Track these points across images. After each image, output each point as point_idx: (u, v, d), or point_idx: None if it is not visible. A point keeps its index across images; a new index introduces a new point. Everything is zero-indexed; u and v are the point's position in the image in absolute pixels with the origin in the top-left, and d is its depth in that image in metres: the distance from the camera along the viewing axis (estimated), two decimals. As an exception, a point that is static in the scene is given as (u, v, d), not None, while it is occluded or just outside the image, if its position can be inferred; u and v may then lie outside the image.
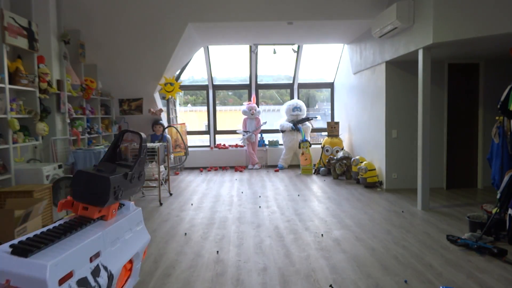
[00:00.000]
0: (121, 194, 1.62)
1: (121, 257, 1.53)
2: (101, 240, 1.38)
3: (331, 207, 5.24)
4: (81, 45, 6.29)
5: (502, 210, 3.79)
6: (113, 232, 1.53)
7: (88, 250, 1.24)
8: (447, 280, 2.91)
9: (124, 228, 1.66)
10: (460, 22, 4.32)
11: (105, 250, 1.38)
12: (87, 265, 1.18)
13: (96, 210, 1.53)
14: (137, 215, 1.89)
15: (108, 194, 1.47)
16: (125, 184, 1.67)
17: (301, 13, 6.12)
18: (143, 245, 1.88)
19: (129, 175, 1.73)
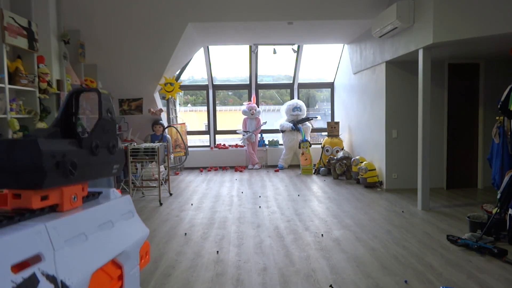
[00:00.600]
0: (74, 168, 1.10)
1: (91, 259, 1.05)
2: (44, 236, 0.92)
3: (331, 207, 5.24)
4: (81, 45, 6.29)
5: (503, 210, 3.79)
6: (72, 225, 1.04)
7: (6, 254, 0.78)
8: (447, 280, 2.90)
9: (96, 220, 1.17)
10: (460, 22, 4.32)
11: (54, 252, 0.93)
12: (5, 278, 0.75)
13: (35, 196, 1.03)
14: (122, 204, 1.37)
15: (40, 165, 0.97)
16: (82, 156, 1.17)
17: (301, 13, 6.12)
18: (135, 242, 1.35)
19: (85, 141, 1.21)
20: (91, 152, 1.24)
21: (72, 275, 0.96)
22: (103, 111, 1.35)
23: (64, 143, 1.14)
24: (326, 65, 9.85)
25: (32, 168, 0.99)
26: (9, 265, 0.80)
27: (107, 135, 1.35)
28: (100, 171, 1.30)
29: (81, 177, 1.18)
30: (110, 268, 1.24)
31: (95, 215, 1.21)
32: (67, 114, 1.33)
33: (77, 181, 1.18)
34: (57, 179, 1.06)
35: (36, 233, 0.91)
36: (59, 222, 1.02)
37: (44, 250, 0.92)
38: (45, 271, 0.88)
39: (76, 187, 1.21)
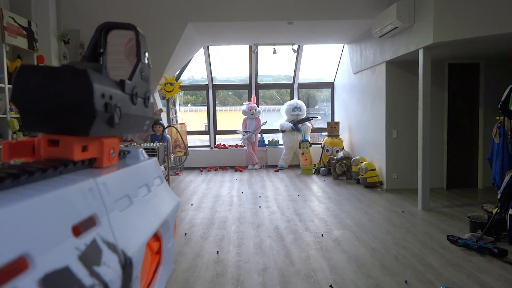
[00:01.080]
0: (119, 116, 0.87)
1: (141, 228, 0.83)
2: (96, 194, 0.70)
3: (331, 207, 5.23)
4: (81, 45, 6.28)
5: (503, 210, 3.79)
6: (118, 184, 0.82)
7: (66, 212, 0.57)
8: (448, 280, 2.90)
9: (136, 182, 0.94)
10: (460, 22, 4.32)
11: (108, 215, 0.71)
12: (68, 243, 0.53)
13: (77, 145, 0.79)
14: (154, 167, 1.12)
15: (91, 103, 0.72)
16: (124, 103, 0.91)
17: (301, 13, 6.12)
18: (172, 211, 1.13)
19: (127, 85, 0.94)
20: (131, 100, 0.96)
21: (129, 244, 0.72)
22: (141, 53, 1.06)
23: (109, 81, 0.85)
24: (326, 65, 9.86)
25: (80, 108, 0.72)
26: (70, 226, 0.57)
27: (145, 83, 1.09)
28: (136, 125, 1.03)
29: (121, 128, 0.92)
30: (152, 241, 1.00)
31: (134, 175, 0.95)
32: (95, 53, 1.05)
33: (118, 132, 0.92)
34: (102, 126, 0.80)
35: (89, 189, 0.68)
36: (108, 179, 0.78)
37: (98, 211, 0.69)
38: (104, 237, 0.65)
39: (114, 140, 0.95)
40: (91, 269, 0.54)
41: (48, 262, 0.42)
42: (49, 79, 0.73)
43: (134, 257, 0.72)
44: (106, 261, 0.60)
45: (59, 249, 0.47)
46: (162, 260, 1.09)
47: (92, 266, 0.55)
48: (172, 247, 1.19)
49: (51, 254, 0.44)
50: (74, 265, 0.49)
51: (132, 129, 1.03)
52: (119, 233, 0.71)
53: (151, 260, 1.02)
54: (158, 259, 1.07)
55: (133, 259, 0.72)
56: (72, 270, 0.48)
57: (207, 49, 8.67)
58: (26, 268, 0.37)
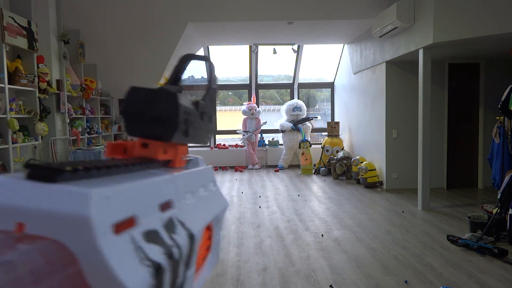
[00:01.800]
0: (192, 129, 1.21)
1: (200, 216, 0.96)
2: (172, 185, 0.86)
3: (332, 207, 5.23)
4: (81, 45, 6.28)
5: (503, 210, 3.79)
6: (186, 181, 0.96)
7: (156, 193, 0.76)
8: (448, 280, 2.90)
9: (197, 182, 1.05)
10: (460, 22, 4.32)
11: (179, 202, 0.86)
12: (157, 215, 0.72)
13: (161, 148, 0.95)
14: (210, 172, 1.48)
15: (176, 117, 0.89)
16: (196, 118, 1.28)
17: (301, 13, 6.12)
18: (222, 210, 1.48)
19: (200, 105, 1.33)
20: (201, 117, 1.20)
21: (193, 225, 0.88)
22: (212, 80, 1.36)
23: (189, 101, 1.10)
24: (326, 65, 9.85)
25: (168, 120, 0.89)
26: (157, 203, 0.75)
27: (212, 103, 1.34)
28: (201, 136, 1.29)
29: (191, 138, 1.16)
30: (205, 230, 1.24)
31: (196, 177, 1.18)
32: (176, 78, 1.30)
33: (188, 141, 1.14)
34: (180, 135, 1.02)
35: (168, 180, 0.85)
36: (180, 175, 0.93)
37: (173, 198, 0.84)
38: (177, 216, 0.82)
39: (185, 148, 1.17)
40: (170, 235, 0.76)
41: (146, 224, 0.63)
42: (149, 97, 0.91)
43: (196, 234, 0.91)
44: (179, 232, 0.81)
45: (152, 218, 0.69)
46: (212, 249, 1.29)
47: (170, 233, 0.76)
48: (220, 240, 1.42)
49: (148, 219, 0.65)
50: (160, 230, 0.71)
51: (198, 139, 1.24)
52: (186, 216, 0.91)
53: (204, 244, 1.25)
54: (209, 246, 1.31)
55: (196, 236, 0.89)
56: (159, 232, 0.70)
57: (207, 49, 8.67)
58: (135, 224, 0.58)
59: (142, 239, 0.59)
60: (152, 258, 0.60)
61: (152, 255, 0.60)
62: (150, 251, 0.60)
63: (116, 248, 0.50)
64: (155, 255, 0.61)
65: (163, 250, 0.65)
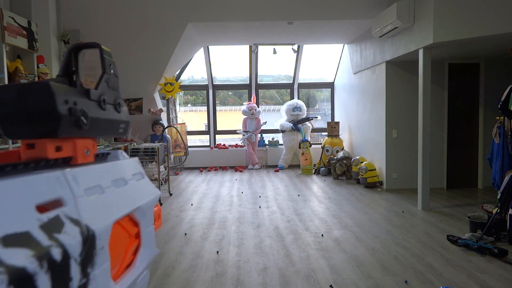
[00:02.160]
0: (86, 119, 1.05)
1: (110, 210, 1.06)
2: (63, 182, 0.89)
3: (331, 207, 5.23)
4: (81, 45, 6.28)
5: (503, 210, 3.79)
6: (87, 175, 1.02)
7: (30, 193, 0.77)
8: (448, 280, 2.90)
9: (109, 175, 1.15)
10: (460, 22, 4.32)
11: (75, 199, 0.91)
12: (31, 215, 0.74)
13: (50, 145, 0.98)
14: (133, 164, 1.36)
15: (54, 108, 0.91)
16: (91, 108, 1.11)
17: (301, 13, 6.12)
18: (149, 201, 1.34)
19: (92, 93, 1.13)
20: (99, 106, 1.16)
21: (94, 221, 0.94)
22: (106, 66, 1.28)
23: (73, 90, 1.05)
24: (326, 65, 9.86)
25: (46, 113, 0.92)
26: (33, 204, 0.77)
27: (113, 91, 1.29)
28: (108, 128, 1.23)
29: (92, 130, 1.13)
30: (128, 224, 1.23)
31: (109, 171, 1.17)
32: (67, 72, 1.24)
33: (88, 134, 1.12)
34: (70, 128, 1.00)
35: (55, 178, 0.87)
36: (76, 171, 0.98)
37: (64, 195, 0.89)
38: (68, 214, 0.86)
39: (88, 141, 1.16)
40: (50, 235, 0.74)
41: (9, 227, 0.63)
42: (20, 94, 0.93)
43: (98, 230, 0.93)
44: (67, 231, 0.80)
45: (21, 220, 0.69)
46: (142, 243, 1.31)
47: (52, 233, 0.75)
48: (152, 232, 1.39)
49: (13, 222, 0.66)
50: (34, 231, 0.70)
51: (105, 132, 1.23)
52: (85, 213, 0.93)
53: (129, 242, 1.22)
54: (138, 242, 1.30)
55: (96, 232, 0.92)
56: (32, 234, 0.68)
57: (207, 49, 8.67)
58: None
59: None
60: (9, 264, 0.55)
61: (9, 260, 0.56)
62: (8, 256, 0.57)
63: None
64: (15, 260, 0.57)
65: (33, 253, 0.63)
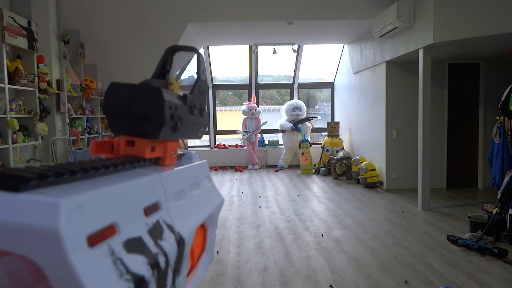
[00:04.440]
0: (180, 124, 0.90)
1: (192, 217, 0.89)
2: (160, 186, 0.78)
3: (332, 207, 5.23)
4: (81, 45, 6.28)
5: (503, 210, 3.79)
6: (176, 180, 0.89)
7: (140, 196, 0.67)
8: (448, 280, 2.90)
9: (189, 179, 0.99)
10: (460, 22, 4.32)
11: (167, 203, 0.78)
12: (141, 220, 0.63)
13: (148, 145, 0.86)
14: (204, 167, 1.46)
15: (162, 114, 0.79)
16: (185, 113, 0.93)
17: (301, 13, 6.12)
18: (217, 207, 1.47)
19: (188, 99, 1.31)
20: (191, 111, 1.18)
21: (183, 227, 0.91)
22: (200, 71, 1.32)
23: (174, 96, 1.07)
24: (326, 65, 9.85)
25: (153, 117, 0.92)
26: (142, 207, 0.68)
27: (202, 96, 1.32)
28: (192, 131, 1.25)
29: (181, 134, 1.13)
30: (199, 230, 1.20)
31: (188, 174, 1.15)
32: (163, 72, 1.28)
33: (178, 137, 1.11)
34: (168, 131, 1.00)
35: (155, 181, 0.83)
36: (169, 174, 0.97)
37: (162, 199, 0.80)
38: (165, 219, 0.82)
39: (176, 144, 1.14)
40: (156, 241, 0.68)
41: (128, 231, 0.58)
42: (132, 94, 0.97)
43: (186, 238, 0.83)
44: (166, 238, 0.73)
45: (136, 224, 0.63)
46: (206, 248, 1.26)
47: (157, 239, 0.68)
48: (214, 239, 1.37)
49: (130, 226, 0.60)
50: (145, 236, 0.65)
51: (189, 135, 1.18)
52: (176, 218, 0.83)
53: (198, 245, 1.21)
54: (203, 247, 1.27)
55: (186, 239, 0.82)
56: (144, 239, 0.64)
57: (207, 49, 8.66)
58: (115, 233, 0.53)
59: (122, 250, 0.53)
60: (134, 271, 0.53)
61: (133, 268, 0.54)
62: (132, 262, 0.55)
63: (91, 263, 0.44)
64: (137, 267, 0.55)
65: (147, 260, 0.59)
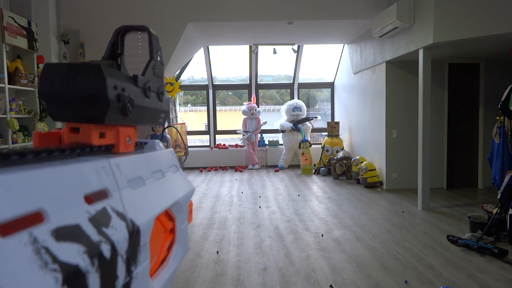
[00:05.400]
0: (132, 107, 0.99)
1: (151, 204, 0.99)
2: (108, 172, 0.84)
3: (332, 207, 5.23)
4: (81, 45, 6.28)
5: (503, 210, 3.79)
6: (131, 166, 0.96)
7: (79, 183, 0.70)
8: (448, 280, 2.90)
9: (150, 167, 1.09)
10: (460, 22, 4.32)
11: (119, 190, 0.85)
12: (80, 207, 0.67)
13: (94, 131, 0.93)
14: (169, 156, 1.29)
15: (105, 93, 0.85)
16: (137, 95, 1.04)
17: (301, 13, 6.12)
18: (186, 195, 1.28)
19: (140, 80, 1.08)
20: (144, 93, 1.10)
21: (138, 216, 0.88)
22: (153, 51, 1.20)
23: (121, 75, 0.99)
24: (326, 65, 9.86)
25: (95, 98, 0.86)
26: (82, 194, 0.71)
27: (158, 79, 1.22)
28: (150, 116, 1.17)
29: (135, 119, 1.06)
30: (164, 219, 1.17)
31: (148, 161, 1.11)
32: (113, 54, 1.17)
33: (132, 122, 1.05)
34: (116, 115, 0.94)
35: (101, 167, 0.82)
36: (120, 161, 0.91)
37: (110, 186, 0.83)
38: (114, 207, 0.79)
39: (130, 129, 1.09)
40: (99, 229, 0.68)
41: (60, 219, 0.56)
42: (70, 74, 0.87)
43: (142, 226, 0.87)
44: (114, 225, 0.74)
45: (71, 211, 0.62)
46: (176, 239, 1.25)
47: (100, 227, 0.69)
48: (186, 229, 1.32)
49: (64, 213, 0.58)
50: (84, 224, 0.63)
51: (147, 121, 1.16)
52: (129, 206, 0.87)
53: (164, 237, 1.16)
54: (172, 238, 1.24)
55: (141, 227, 0.87)
56: (82, 227, 0.62)
57: (207, 49, 8.66)
58: (42, 220, 0.50)
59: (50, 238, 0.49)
60: (63, 260, 0.49)
61: (63, 257, 0.49)
62: (62, 251, 0.50)
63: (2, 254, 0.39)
64: (68, 256, 0.50)
65: (84, 249, 0.56)
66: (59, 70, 0.87)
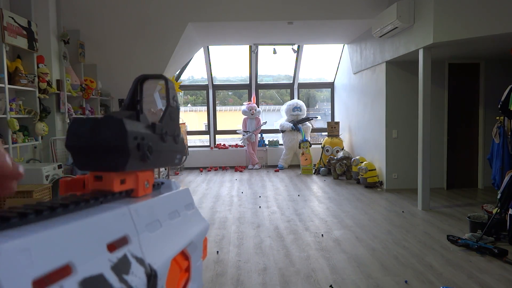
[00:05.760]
0: (150, 153, 1.02)
1: (168, 247, 0.99)
2: (128, 218, 0.86)
3: (332, 207, 5.23)
4: (81, 45, 6.28)
5: (503, 210, 3.79)
6: (149, 210, 0.98)
7: (102, 232, 0.72)
8: (448, 280, 2.90)
9: (166, 209, 1.09)
10: (460, 22, 4.32)
11: (138, 235, 0.86)
12: (103, 256, 0.70)
13: (116, 178, 0.93)
14: (185, 195, 1.24)
15: (126, 145, 0.88)
16: (155, 141, 1.06)
17: (301, 13, 6.12)
18: (200, 233, 1.24)
19: (157, 127, 1.10)
20: (161, 139, 1.11)
21: (156, 259, 0.89)
22: (170, 98, 1.32)
23: (141, 125, 1.03)
24: (326, 65, 9.86)
25: (117, 149, 0.89)
26: (105, 243, 0.74)
27: (173, 123, 1.33)
28: (167, 159, 1.17)
29: (153, 163, 1.07)
30: (180, 259, 1.13)
31: (165, 203, 1.11)
32: (133, 101, 1.28)
33: (150, 166, 1.06)
34: (136, 162, 0.96)
35: (122, 214, 0.85)
36: (139, 206, 0.94)
37: (130, 232, 0.85)
38: (134, 253, 0.81)
39: (148, 173, 1.10)
40: (120, 277, 0.71)
41: (86, 269, 0.60)
42: (94, 127, 0.90)
43: (159, 270, 0.89)
44: (134, 271, 0.77)
45: (96, 261, 0.65)
46: (191, 277, 1.20)
47: (121, 275, 0.72)
48: (201, 266, 1.43)
49: (89, 264, 0.62)
50: (107, 273, 0.66)
51: (164, 163, 1.18)
52: (147, 250, 0.90)
53: (180, 276, 1.15)
54: (187, 276, 1.20)
55: (158, 271, 0.88)
56: (105, 276, 0.65)
57: (207, 49, 8.66)
58: (70, 273, 0.54)
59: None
60: None
61: None
62: None
63: None
64: None
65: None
66: (85, 124, 0.87)
